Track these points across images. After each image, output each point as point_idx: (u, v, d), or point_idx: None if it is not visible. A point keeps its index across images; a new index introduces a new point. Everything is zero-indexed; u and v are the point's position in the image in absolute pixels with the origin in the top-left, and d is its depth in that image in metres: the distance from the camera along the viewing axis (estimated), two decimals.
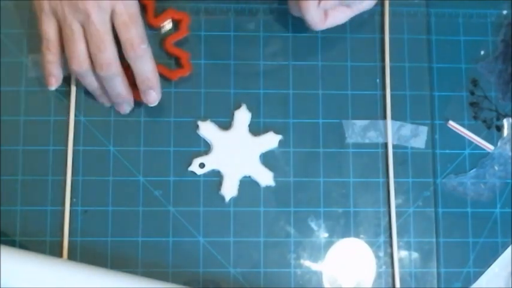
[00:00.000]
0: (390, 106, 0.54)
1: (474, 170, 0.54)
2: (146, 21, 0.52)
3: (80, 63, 0.48)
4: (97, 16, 0.46)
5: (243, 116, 0.53)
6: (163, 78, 0.52)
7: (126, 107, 0.51)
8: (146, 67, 0.49)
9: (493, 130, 0.54)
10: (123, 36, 0.48)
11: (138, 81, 0.50)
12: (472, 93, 0.55)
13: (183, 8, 0.54)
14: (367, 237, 0.52)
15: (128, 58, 0.48)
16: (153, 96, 0.50)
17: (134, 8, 0.48)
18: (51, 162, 0.52)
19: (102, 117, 0.52)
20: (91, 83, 0.50)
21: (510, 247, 0.53)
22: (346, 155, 0.53)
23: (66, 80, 0.52)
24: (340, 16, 0.51)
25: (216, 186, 0.52)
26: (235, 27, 0.54)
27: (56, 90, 0.52)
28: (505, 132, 0.54)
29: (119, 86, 0.49)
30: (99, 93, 0.51)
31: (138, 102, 0.52)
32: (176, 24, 0.54)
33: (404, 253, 0.52)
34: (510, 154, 0.54)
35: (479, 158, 0.54)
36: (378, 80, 0.54)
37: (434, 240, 0.52)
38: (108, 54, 0.47)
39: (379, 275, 0.52)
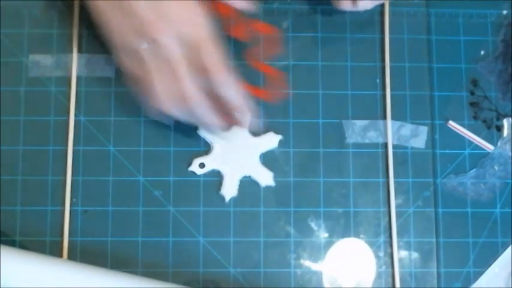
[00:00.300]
0: (390, 106, 0.54)
1: (474, 170, 0.54)
2: (231, 34, 0.51)
3: (161, 103, 0.45)
4: (166, 42, 0.43)
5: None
6: (250, 97, 0.49)
7: (221, 131, 0.49)
8: (230, 92, 0.45)
9: (493, 130, 0.54)
10: (200, 64, 0.44)
11: (227, 108, 0.46)
12: (472, 93, 0.55)
13: None
14: (367, 237, 0.52)
15: (210, 86, 0.45)
16: (247, 120, 0.48)
17: (205, 30, 0.44)
18: (51, 162, 0.52)
19: (102, 117, 0.52)
20: (178, 116, 0.47)
21: (510, 247, 0.53)
22: (346, 155, 0.53)
23: (66, 80, 0.52)
24: (368, 3, 0.52)
25: (216, 186, 0.52)
26: None
27: (56, 90, 0.52)
28: (505, 132, 0.54)
29: (206, 116, 0.46)
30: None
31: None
32: (263, 39, 0.52)
33: (404, 253, 0.52)
34: (510, 154, 0.54)
35: (479, 158, 0.54)
36: (378, 80, 0.54)
37: (434, 240, 0.52)
38: (186, 87, 0.44)
39: (379, 275, 0.52)
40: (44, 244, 0.50)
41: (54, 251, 0.50)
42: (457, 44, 0.55)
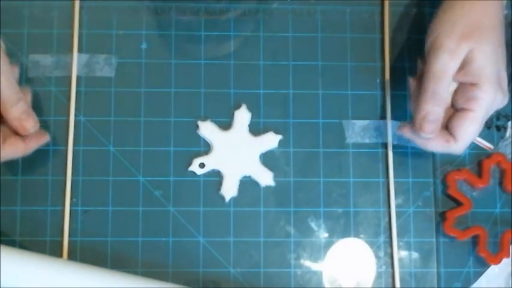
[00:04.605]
0: (390, 106, 0.54)
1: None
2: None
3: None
4: None
5: (243, 116, 0.53)
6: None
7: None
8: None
9: (493, 130, 0.54)
10: None
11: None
12: None
13: (184, 9, 0.54)
14: (367, 237, 0.52)
15: None
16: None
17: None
18: (51, 162, 0.52)
19: (102, 117, 0.52)
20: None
21: (510, 247, 0.53)
22: (346, 155, 0.53)
23: (66, 80, 0.52)
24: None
25: (216, 186, 0.52)
26: (235, 27, 0.54)
27: (56, 90, 0.52)
28: (507, 134, 0.54)
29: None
30: None
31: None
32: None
33: (404, 253, 0.52)
34: (510, 156, 0.54)
35: (479, 158, 0.54)
36: (378, 80, 0.54)
37: (434, 240, 0.52)
38: None
39: (379, 275, 0.52)
40: (44, 244, 0.50)
41: (54, 251, 0.50)
42: None
